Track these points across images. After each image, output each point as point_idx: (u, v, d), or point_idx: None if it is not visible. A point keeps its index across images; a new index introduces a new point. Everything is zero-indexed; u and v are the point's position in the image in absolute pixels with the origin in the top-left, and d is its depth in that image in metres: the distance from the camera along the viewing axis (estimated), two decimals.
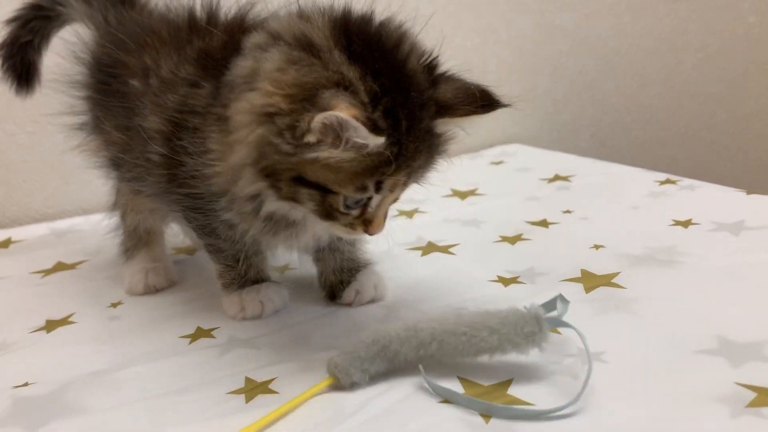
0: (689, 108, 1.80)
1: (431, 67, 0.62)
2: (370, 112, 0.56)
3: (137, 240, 0.89)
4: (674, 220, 0.95)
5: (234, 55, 0.63)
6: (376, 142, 0.55)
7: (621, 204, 1.06)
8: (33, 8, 0.93)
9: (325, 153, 0.55)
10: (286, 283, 0.81)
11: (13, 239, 1.12)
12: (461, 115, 0.60)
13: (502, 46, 1.55)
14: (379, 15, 0.63)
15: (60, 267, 0.98)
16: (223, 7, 0.76)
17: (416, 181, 0.65)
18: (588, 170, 1.27)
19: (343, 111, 0.53)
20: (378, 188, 0.60)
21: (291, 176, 0.59)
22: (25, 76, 0.94)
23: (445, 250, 0.93)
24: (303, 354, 0.67)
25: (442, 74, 0.62)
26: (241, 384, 0.61)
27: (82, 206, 1.25)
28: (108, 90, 0.78)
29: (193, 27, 0.74)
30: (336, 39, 0.58)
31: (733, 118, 1.83)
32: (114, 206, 0.91)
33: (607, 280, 0.77)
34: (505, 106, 0.61)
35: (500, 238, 0.95)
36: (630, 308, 0.70)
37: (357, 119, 0.54)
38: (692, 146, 1.82)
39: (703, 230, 0.91)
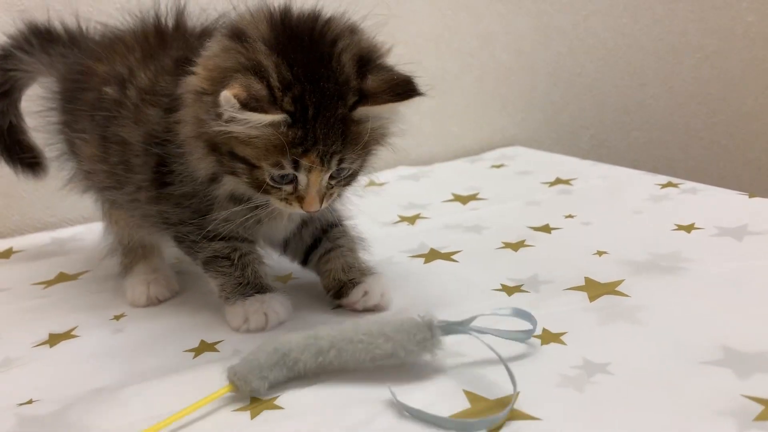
0: (688, 108, 1.80)
1: (365, 60, 0.66)
2: (279, 98, 0.62)
3: (134, 255, 0.88)
4: (677, 225, 0.95)
5: None
6: (262, 119, 0.61)
7: (623, 208, 1.06)
8: None
9: (236, 128, 0.62)
10: (289, 292, 0.80)
11: (14, 249, 1.11)
12: (380, 103, 0.65)
13: (501, 49, 1.54)
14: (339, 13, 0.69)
15: (62, 278, 0.97)
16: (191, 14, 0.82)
17: (350, 167, 0.69)
18: (589, 173, 1.27)
19: (230, 90, 0.60)
20: (296, 167, 0.65)
21: (227, 150, 0.66)
22: (33, 159, 0.99)
23: (447, 257, 0.93)
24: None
25: (375, 66, 0.66)
26: (247, 401, 0.61)
27: (83, 215, 1.24)
28: (78, 100, 0.79)
29: (161, 35, 0.80)
30: (265, 32, 0.65)
31: (732, 117, 1.83)
32: (106, 228, 0.91)
33: (611, 288, 0.77)
34: (419, 95, 0.65)
35: (503, 245, 0.95)
36: (634, 317, 0.70)
37: (238, 98, 0.60)
38: (691, 146, 1.82)
39: (706, 235, 0.91)
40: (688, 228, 0.94)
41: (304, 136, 0.63)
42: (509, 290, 0.80)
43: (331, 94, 0.64)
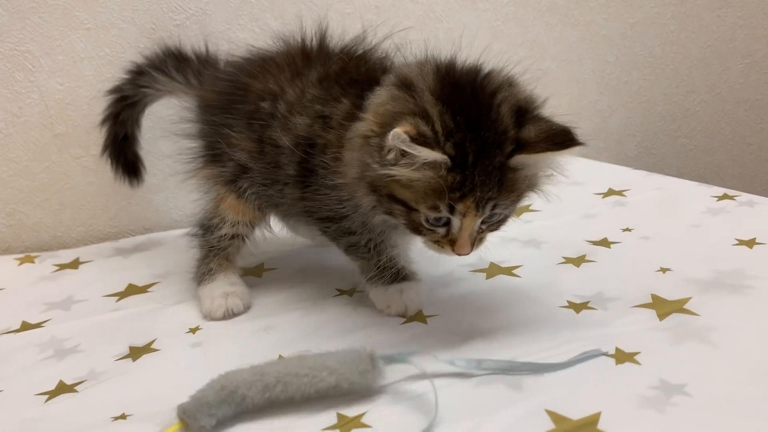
0: (736, 114, 1.79)
1: (522, 111, 0.69)
2: (442, 142, 0.66)
3: (218, 264, 0.91)
4: (737, 240, 0.96)
5: (357, 82, 0.78)
6: (428, 155, 0.64)
7: (680, 222, 1.06)
8: (119, 101, 1.06)
9: (398, 171, 0.66)
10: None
11: (81, 259, 1.14)
12: (537, 152, 0.67)
13: (549, 59, 1.55)
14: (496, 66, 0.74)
15: (132, 290, 1.00)
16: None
17: (502, 212, 0.72)
18: (641, 184, 1.27)
19: (401, 127, 0.64)
20: (451, 211, 0.68)
21: (386, 193, 0.70)
22: (134, 171, 1.10)
23: (509, 272, 0.94)
24: (391, 386, 0.68)
25: (533, 117, 0.69)
26: (334, 420, 0.63)
27: (143, 225, 1.28)
28: (236, 110, 0.88)
29: (307, 56, 0.87)
30: (432, 82, 0.70)
31: None
32: (210, 217, 0.92)
33: (679, 306, 0.78)
34: (579, 144, 0.68)
35: (564, 260, 0.96)
36: (707, 338, 0.71)
37: (408, 134, 0.64)
38: (739, 152, 1.82)
39: None
40: (750, 243, 0.94)
41: (462, 181, 0.66)
42: (576, 308, 0.81)
43: (490, 143, 0.66)
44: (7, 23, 1.12)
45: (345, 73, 0.82)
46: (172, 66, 1.02)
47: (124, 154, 1.09)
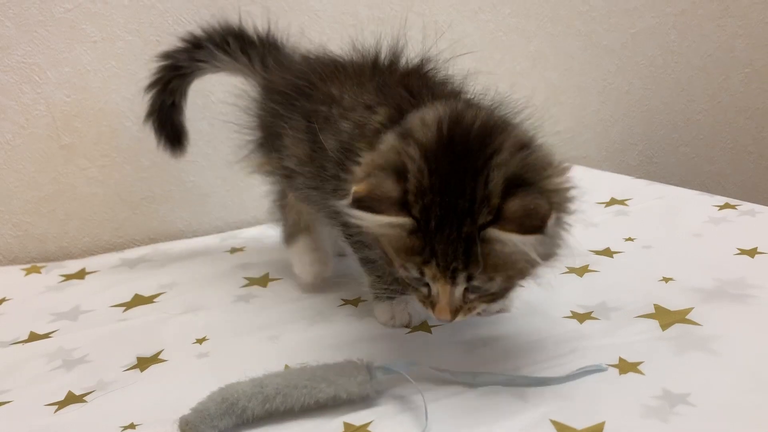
0: (736, 123, 1.80)
1: (519, 179, 0.62)
2: (412, 201, 0.62)
3: (297, 229, 0.98)
4: (739, 249, 0.96)
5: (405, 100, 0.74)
6: (372, 219, 0.62)
7: (682, 231, 1.07)
8: (171, 69, 1.04)
9: (364, 223, 0.64)
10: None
11: (87, 270, 1.15)
12: (506, 231, 0.60)
13: (551, 69, 1.56)
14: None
15: (138, 300, 1.00)
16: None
17: (484, 286, 0.65)
18: (644, 193, 1.28)
19: (357, 185, 0.62)
20: (421, 273, 0.65)
21: (373, 238, 0.69)
22: (178, 139, 1.07)
23: None
24: (397, 395, 0.69)
25: (525, 187, 0.61)
26: (341, 429, 0.64)
27: (149, 236, 1.29)
28: (298, 108, 0.87)
29: (377, 70, 0.84)
30: (429, 136, 0.65)
31: None
32: (277, 203, 1.00)
33: (681, 317, 0.79)
34: (540, 233, 0.59)
35: (567, 269, 0.96)
36: (709, 347, 0.72)
37: (355, 194, 0.61)
38: (740, 161, 1.82)
39: None
40: (751, 252, 0.95)
41: (422, 246, 0.62)
42: (580, 317, 0.82)
43: (461, 210, 0.61)
44: (14, 36, 1.14)
45: (399, 86, 0.78)
46: (236, 46, 1.01)
47: (170, 122, 1.07)
